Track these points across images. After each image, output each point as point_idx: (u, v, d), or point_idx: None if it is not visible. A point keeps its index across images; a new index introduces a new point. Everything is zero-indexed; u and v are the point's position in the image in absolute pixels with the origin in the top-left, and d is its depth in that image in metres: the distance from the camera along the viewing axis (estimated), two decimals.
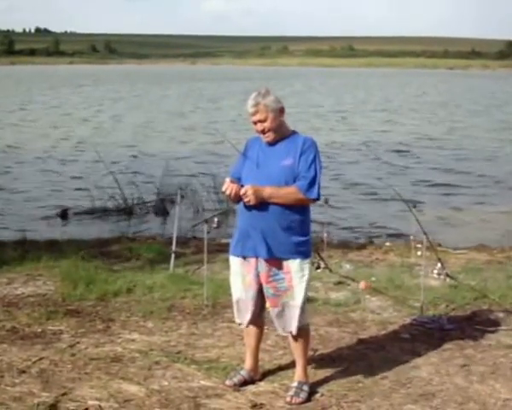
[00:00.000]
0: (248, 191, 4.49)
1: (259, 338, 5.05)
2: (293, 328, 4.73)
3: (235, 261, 4.83)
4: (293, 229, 4.59)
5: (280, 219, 4.55)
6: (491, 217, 13.06)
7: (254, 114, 4.60)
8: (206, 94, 52.55)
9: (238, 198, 4.60)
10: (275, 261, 4.62)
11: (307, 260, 4.71)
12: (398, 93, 56.70)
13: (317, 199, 4.62)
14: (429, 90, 60.55)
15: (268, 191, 4.50)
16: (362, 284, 6.75)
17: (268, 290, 4.70)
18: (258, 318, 4.88)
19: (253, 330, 4.94)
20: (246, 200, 4.51)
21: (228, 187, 4.56)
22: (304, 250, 4.66)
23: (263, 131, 4.63)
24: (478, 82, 78.59)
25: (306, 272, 4.68)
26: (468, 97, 51.88)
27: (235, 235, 4.82)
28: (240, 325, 5.01)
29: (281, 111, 4.64)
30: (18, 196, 14.75)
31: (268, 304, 4.76)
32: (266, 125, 4.60)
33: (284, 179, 4.54)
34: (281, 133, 4.65)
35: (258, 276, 4.70)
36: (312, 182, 4.53)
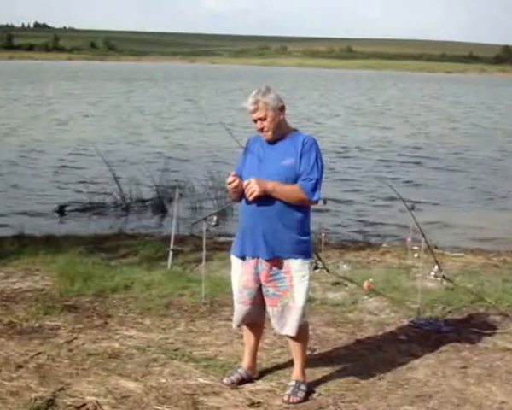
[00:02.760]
0: (251, 182, 4.47)
1: (258, 337, 5.06)
2: (293, 330, 4.72)
3: (235, 261, 4.84)
4: (295, 228, 4.58)
5: (282, 217, 4.54)
6: (488, 220, 13.11)
7: (254, 111, 4.57)
8: (200, 93, 52.61)
9: (241, 194, 4.60)
10: (275, 261, 4.61)
11: (308, 261, 4.70)
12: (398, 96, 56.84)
13: (317, 201, 4.62)
14: (429, 95, 60.76)
15: (271, 184, 4.48)
16: (365, 284, 6.77)
17: (268, 290, 4.69)
18: (258, 317, 4.88)
19: (252, 328, 4.95)
20: (250, 191, 4.47)
21: (233, 179, 4.55)
22: (305, 250, 4.65)
23: (262, 130, 4.61)
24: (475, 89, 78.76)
25: (307, 272, 4.67)
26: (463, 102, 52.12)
27: (237, 234, 4.82)
28: (238, 326, 5.02)
29: (281, 109, 4.61)
30: (15, 191, 14.72)
31: (267, 303, 4.75)
32: (266, 123, 4.57)
33: (285, 179, 4.52)
34: (281, 132, 4.63)
35: (257, 275, 4.69)
36: (315, 184, 4.52)
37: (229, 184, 4.58)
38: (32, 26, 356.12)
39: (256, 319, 4.90)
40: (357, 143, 24.47)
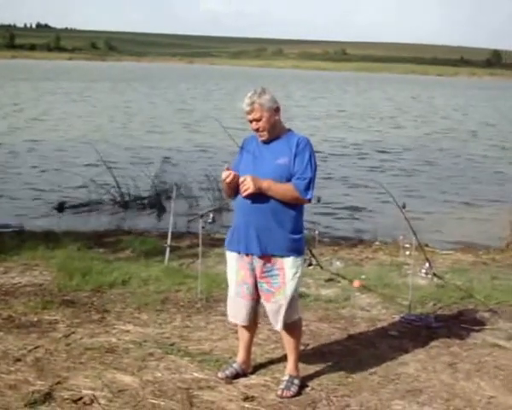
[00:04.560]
0: (247, 179, 4.56)
1: (253, 332, 5.13)
2: (279, 325, 4.79)
3: (230, 256, 4.91)
4: (288, 226, 4.65)
5: (275, 215, 4.62)
6: (478, 219, 13.25)
7: (250, 112, 4.66)
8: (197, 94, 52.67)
9: (235, 190, 4.69)
10: (269, 258, 4.69)
11: (300, 258, 4.77)
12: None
13: (310, 200, 4.70)
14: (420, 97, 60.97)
15: (266, 183, 4.56)
16: (356, 283, 6.87)
17: (262, 285, 4.77)
18: (253, 313, 4.95)
19: (248, 324, 5.01)
20: (244, 187, 4.56)
21: (228, 174, 4.63)
22: (298, 248, 4.73)
23: (258, 130, 4.70)
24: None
25: (299, 269, 4.74)
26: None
27: (231, 230, 4.89)
28: (233, 322, 5.10)
29: (276, 110, 4.69)
30: (15, 188, 14.79)
31: (262, 298, 4.83)
32: (261, 124, 4.65)
33: (279, 177, 4.60)
34: (276, 132, 4.71)
35: (253, 271, 4.77)
36: (309, 183, 4.60)
37: (224, 179, 4.67)
38: (34, 26, 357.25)
39: (251, 315, 4.96)
40: (349, 143, 24.56)
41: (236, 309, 4.95)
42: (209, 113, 33.19)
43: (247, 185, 4.55)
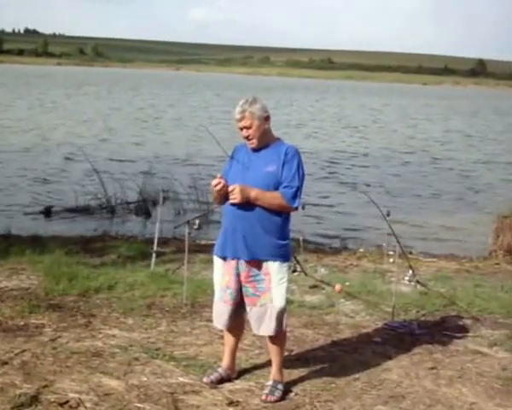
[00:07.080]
0: (236, 189, 4.64)
1: (239, 338, 5.18)
2: (272, 330, 4.83)
3: (217, 261, 4.98)
4: (274, 232, 4.73)
5: (262, 221, 4.70)
6: (461, 228, 13.37)
7: (240, 120, 4.76)
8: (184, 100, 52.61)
9: (224, 197, 4.76)
10: (255, 262, 4.76)
11: (286, 264, 4.83)
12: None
13: (297, 208, 4.79)
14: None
15: (254, 192, 4.65)
16: (337, 287, 6.92)
17: (248, 290, 4.83)
18: (238, 318, 4.99)
19: (233, 329, 5.06)
20: (232, 197, 4.66)
21: (219, 182, 4.71)
22: (283, 253, 4.79)
23: (248, 138, 4.79)
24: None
25: (285, 275, 4.81)
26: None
27: (219, 235, 4.97)
28: (223, 328, 5.12)
29: (266, 119, 4.79)
30: (2, 192, 14.79)
31: (246, 303, 4.87)
32: (251, 131, 4.75)
33: (267, 185, 4.68)
34: (266, 140, 4.80)
35: (238, 276, 4.83)
36: (296, 191, 4.69)
37: (215, 186, 4.74)
38: (22, 31, 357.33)
39: (236, 321, 5.01)
40: (336, 151, 24.66)
41: (219, 313, 5.00)
42: (194, 120, 33.22)
43: (234, 196, 4.65)
